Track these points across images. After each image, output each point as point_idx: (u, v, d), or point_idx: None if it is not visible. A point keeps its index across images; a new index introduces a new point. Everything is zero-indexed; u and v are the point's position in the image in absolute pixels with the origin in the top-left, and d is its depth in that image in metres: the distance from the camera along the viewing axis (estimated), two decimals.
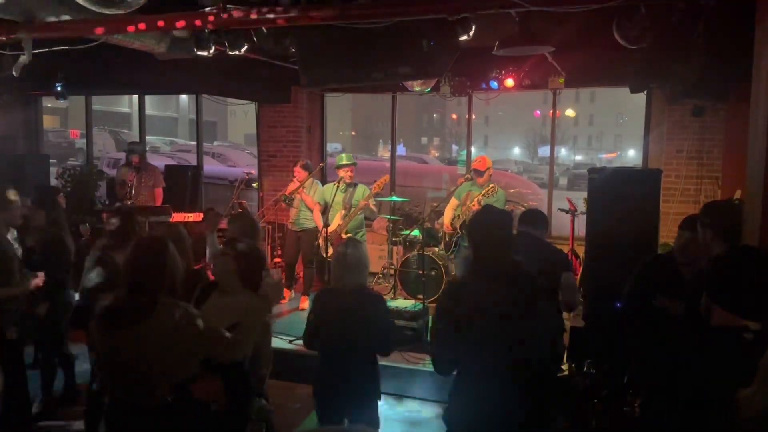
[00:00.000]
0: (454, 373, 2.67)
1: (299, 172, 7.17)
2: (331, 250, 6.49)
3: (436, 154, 44.86)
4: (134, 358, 2.61)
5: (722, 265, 2.07)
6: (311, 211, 7.17)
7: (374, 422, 3.51)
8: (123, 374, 2.67)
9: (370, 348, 3.52)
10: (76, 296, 4.71)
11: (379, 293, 3.76)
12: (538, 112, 45.18)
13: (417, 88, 7.80)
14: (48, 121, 22.18)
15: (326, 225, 6.53)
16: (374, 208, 6.55)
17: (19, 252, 4.42)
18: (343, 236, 6.41)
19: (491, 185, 6.29)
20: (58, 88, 8.51)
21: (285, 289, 7.51)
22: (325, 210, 6.74)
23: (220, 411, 2.88)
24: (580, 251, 6.75)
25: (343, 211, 6.48)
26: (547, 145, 33.63)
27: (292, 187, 7.18)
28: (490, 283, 2.57)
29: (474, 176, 6.51)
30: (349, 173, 6.68)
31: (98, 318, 2.67)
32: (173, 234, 3.53)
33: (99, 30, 4.70)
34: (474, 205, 6.11)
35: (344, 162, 6.77)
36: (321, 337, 3.58)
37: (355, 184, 6.75)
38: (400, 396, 5.35)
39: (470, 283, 2.70)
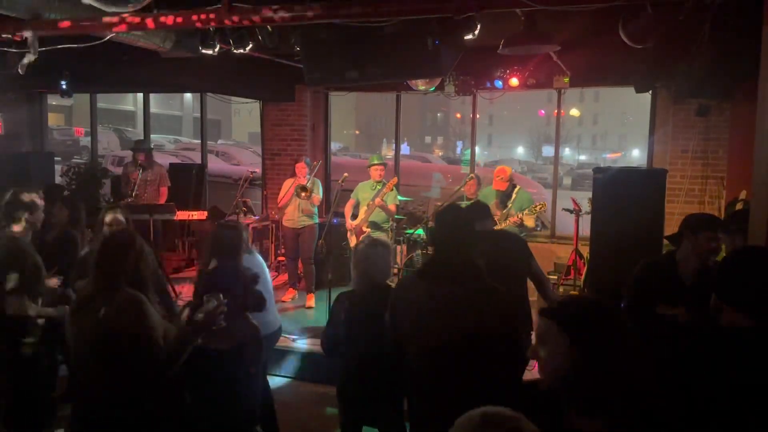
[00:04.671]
0: None
1: (302, 169, 7.23)
2: (354, 241, 6.67)
3: (440, 153, 44.83)
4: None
5: (732, 264, 2.05)
6: (315, 207, 7.25)
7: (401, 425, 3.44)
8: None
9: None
10: None
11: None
12: (543, 111, 45.12)
13: (421, 87, 7.80)
14: (53, 119, 22.28)
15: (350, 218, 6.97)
16: (390, 208, 6.79)
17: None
18: (364, 229, 6.57)
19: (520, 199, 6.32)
20: (63, 86, 8.53)
21: (290, 288, 7.52)
22: (358, 205, 7.09)
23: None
24: (585, 251, 6.74)
25: (366, 207, 6.69)
26: (551, 144, 33.57)
27: (300, 182, 7.22)
28: (431, 282, 2.58)
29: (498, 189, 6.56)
30: (379, 172, 6.97)
31: None
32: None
33: (105, 28, 4.71)
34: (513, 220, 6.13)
35: (375, 162, 7.06)
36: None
37: (385, 182, 6.89)
38: None
39: (413, 282, 2.76)
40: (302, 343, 5.89)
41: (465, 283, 2.55)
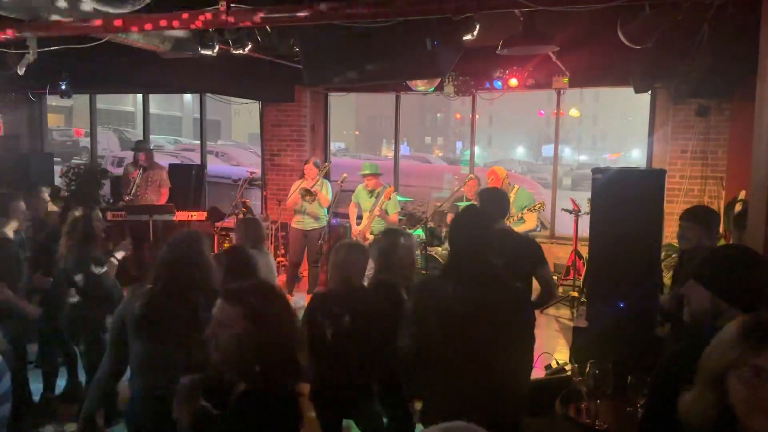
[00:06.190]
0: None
1: (311, 170, 7.22)
2: None
3: (440, 154, 44.84)
4: None
5: (732, 263, 2.04)
6: (323, 209, 7.23)
7: (378, 419, 3.48)
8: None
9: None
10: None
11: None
12: (542, 111, 45.10)
13: (421, 88, 7.80)
14: (52, 120, 22.27)
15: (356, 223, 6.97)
16: (391, 219, 6.83)
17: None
18: (368, 236, 6.61)
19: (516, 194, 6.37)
20: (63, 87, 8.53)
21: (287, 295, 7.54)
22: (360, 207, 7.10)
23: None
24: (584, 251, 6.74)
25: (368, 213, 6.72)
26: (550, 144, 33.55)
27: (308, 183, 7.21)
28: (456, 285, 2.57)
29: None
30: (371, 182, 6.92)
31: None
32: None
33: (104, 29, 4.71)
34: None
35: (365, 172, 7.00)
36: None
37: (384, 188, 6.90)
38: None
39: (437, 282, 2.72)
40: None
41: (488, 285, 2.55)
